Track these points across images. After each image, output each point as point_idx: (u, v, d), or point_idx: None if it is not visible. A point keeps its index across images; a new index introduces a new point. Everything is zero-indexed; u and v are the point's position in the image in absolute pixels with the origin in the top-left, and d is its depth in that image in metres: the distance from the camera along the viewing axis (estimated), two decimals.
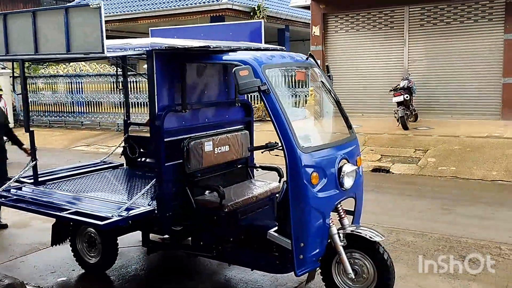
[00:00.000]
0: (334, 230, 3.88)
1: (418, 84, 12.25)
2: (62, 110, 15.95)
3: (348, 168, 3.92)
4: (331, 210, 3.86)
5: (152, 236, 4.61)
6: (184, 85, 4.28)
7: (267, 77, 3.72)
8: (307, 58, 4.30)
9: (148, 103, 4.22)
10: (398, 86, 11.78)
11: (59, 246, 5.30)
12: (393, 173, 9.18)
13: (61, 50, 4.10)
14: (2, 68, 15.88)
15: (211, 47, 3.96)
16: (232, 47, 4.12)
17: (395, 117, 11.55)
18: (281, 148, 3.74)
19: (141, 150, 5.53)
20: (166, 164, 4.20)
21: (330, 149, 3.94)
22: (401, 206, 7.11)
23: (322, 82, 4.32)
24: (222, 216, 4.10)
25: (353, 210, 4.24)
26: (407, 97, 11.47)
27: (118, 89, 13.66)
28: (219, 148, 4.56)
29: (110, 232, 4.64)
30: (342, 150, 4.03)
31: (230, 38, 5.32)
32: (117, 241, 4.80)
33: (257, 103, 13.26)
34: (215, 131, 4.68)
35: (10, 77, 14.84)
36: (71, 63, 17.12)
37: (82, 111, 15.80)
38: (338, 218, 4.06)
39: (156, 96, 4.12)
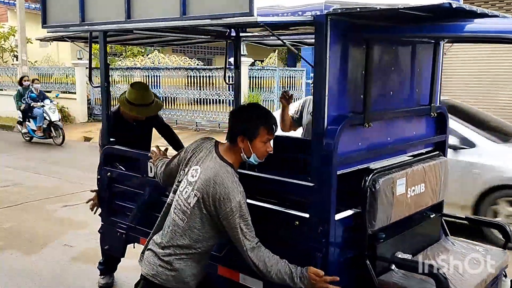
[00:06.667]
0: None
1: None
2: None
3: None
4: None
5: None
6: (370, 82, 2.48)
7: None
8: None
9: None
10: None
11: None
12: None
13: (172, 14, 2.40)
14: (79, 58, 14.83)
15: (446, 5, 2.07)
16: (478, 10, 2.23)
17: None
18: None
19: None
20: (336, 217, 2.41)
21: None
22: None
23: None
24: None
25: None
26: None
27: (228, 84, 11.50)
28: (413, 187, 2.72)
29: None
30: None
31: None
32: None
33: None
34: (404, 158, 2.85)
35: (86, 68, 13.71)
36: (149, 55, 15.83)
37: None
38: None
39: (327, 98, 2.35)
